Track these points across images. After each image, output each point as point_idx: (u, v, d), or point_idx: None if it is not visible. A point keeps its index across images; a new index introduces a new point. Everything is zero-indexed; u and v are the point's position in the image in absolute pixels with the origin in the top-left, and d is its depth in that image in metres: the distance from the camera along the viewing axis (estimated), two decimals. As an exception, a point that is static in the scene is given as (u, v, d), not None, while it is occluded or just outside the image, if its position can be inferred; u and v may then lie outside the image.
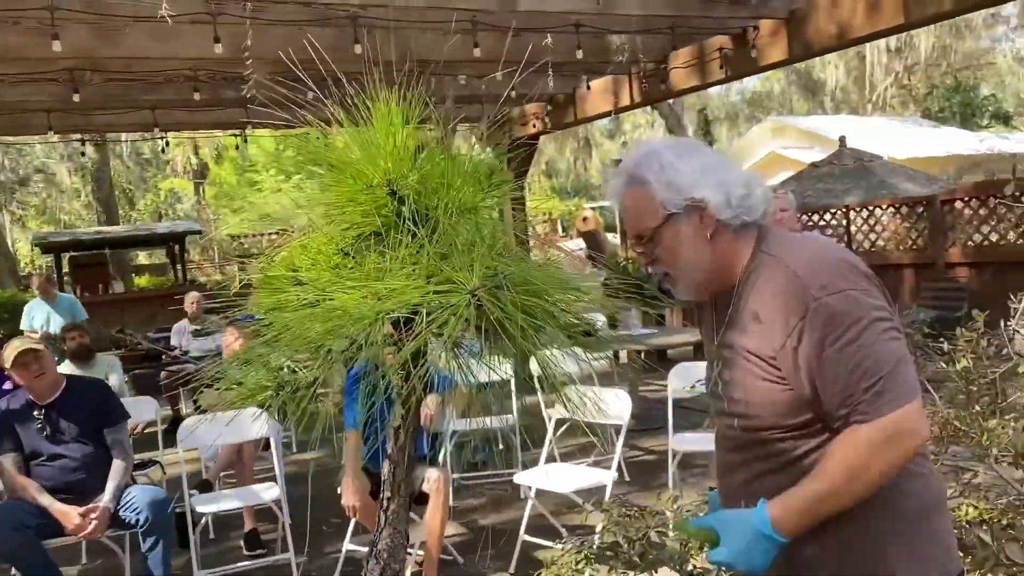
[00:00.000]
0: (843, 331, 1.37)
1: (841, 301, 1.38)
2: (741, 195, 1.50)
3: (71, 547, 4.57)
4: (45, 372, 3.80)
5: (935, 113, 26.99)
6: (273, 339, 1.14)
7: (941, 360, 3.59)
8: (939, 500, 1.52)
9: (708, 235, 1.50)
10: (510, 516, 4.87)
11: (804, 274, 1.42)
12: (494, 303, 1.08)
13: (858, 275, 1.43)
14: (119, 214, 22.46)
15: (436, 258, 1.16)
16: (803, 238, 1.59)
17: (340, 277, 1.19)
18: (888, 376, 1.36)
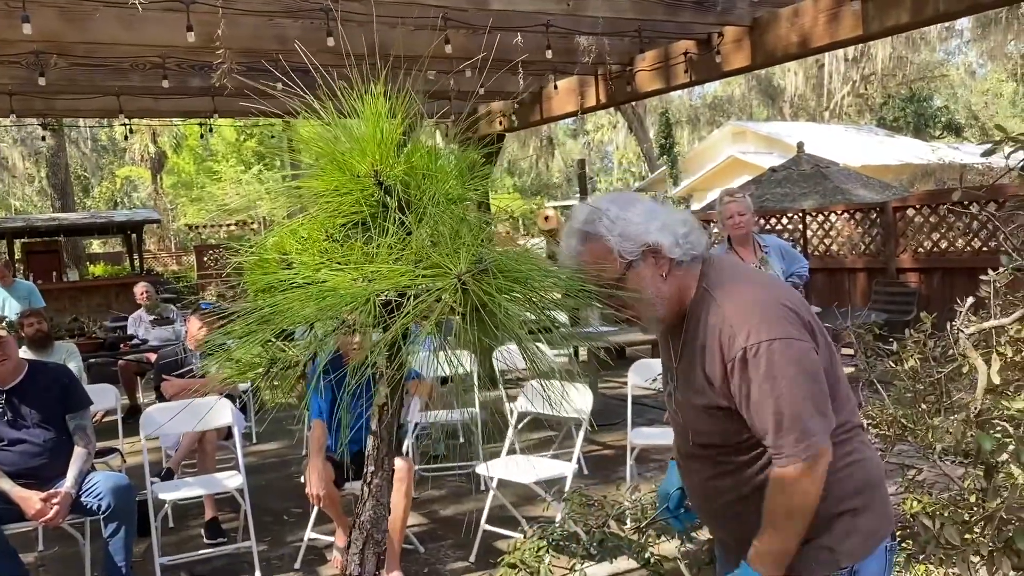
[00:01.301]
0: (762, 380, 1.54)
1: (764, 351, 1.54)
2: (684, 233, 1.67)
3: (27, 534, 4.54)
4: (8, 358, 3.77)
5: (890, 122, 27.64)
6: (265, 318, 1.19)
7: (890, 360, 3.74)
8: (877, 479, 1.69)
9: (663, 275, 1.66)
10: (470, 507, 4.94)
11: (735, 321, 1.58)
12: (479, 287, 1.15)
13: (786, 322, 1.57)
14: (73, 201, 22.00)
15: (423, 244, 1.23)
16: (741, 277, 1.69)
17: (330, 260, 1.25)
18: (799, 424, 1.53)
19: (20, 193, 28.36)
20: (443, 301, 1.18)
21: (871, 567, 1.64)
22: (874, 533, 1.64)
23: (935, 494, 2.97)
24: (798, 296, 1.68)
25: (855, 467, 1.64)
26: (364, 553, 1.23)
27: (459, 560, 4.18)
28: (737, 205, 4.77)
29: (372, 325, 1.21)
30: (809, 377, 1.54)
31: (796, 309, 1.59)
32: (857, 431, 1.69)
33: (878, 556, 1.64)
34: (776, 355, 1.53)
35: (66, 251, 17.21)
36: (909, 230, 8.79)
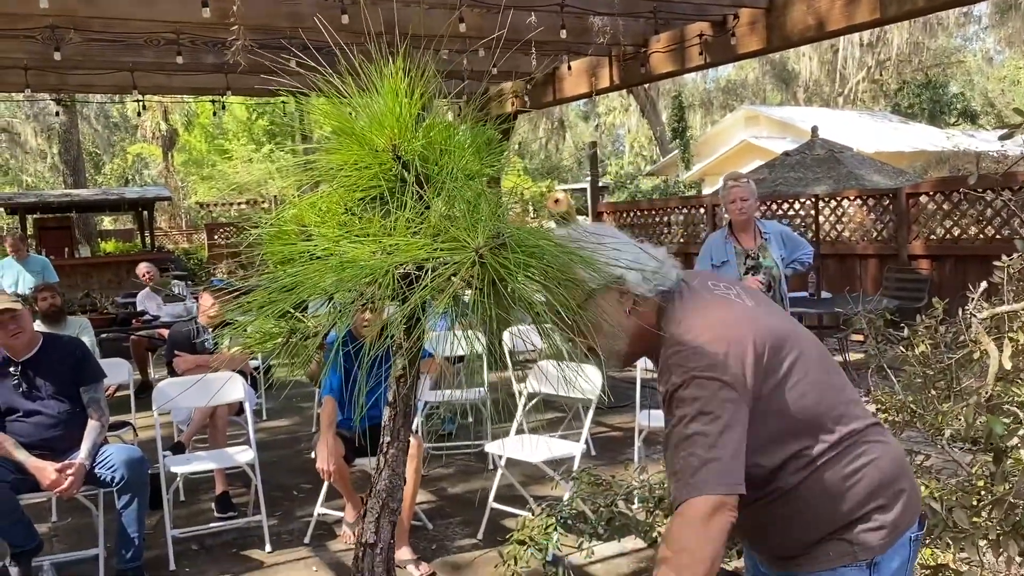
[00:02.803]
0: (677, 420, 1.53)
1: (680, 393, 1.53)
2: (654, 268, 1.64)
3: (40, 505, 4.60)
4: (23, 331, 3.81)
5: (904, 109, 27.41)
6: (286, 289, 1.21)
7: (900, 346, 3.74)
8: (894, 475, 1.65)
9: (627, 310, 1.63)
10: (478, 485, 4.97)
11: (669, 361, 1.57)
12: (497, 261, 1.16)
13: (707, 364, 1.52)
14: (85, 178, 22.07)
15: (441, 218, 1.24)
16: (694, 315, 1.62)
17: (349, 232, 1.26)
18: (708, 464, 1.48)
19: (32, 169, 28.47)
20: (460, 274, 1.19)
21: (893, 560, 1.61)
22: (896, 526, 1.61)
23: (943, 479, 2.98)
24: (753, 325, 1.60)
25: (867, 470, 1.61)
26: (380, 522, 1.24)
27: (467, 537, 4.22)
28: (740, 190, 4.75)
29: (390, 298, 1.22)
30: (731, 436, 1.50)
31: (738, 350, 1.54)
32: (866, 432, 1.65)
33: (901, 547, 1.62)
34: (695, 399, 1.51)
35: (78, 227, 17.29)
36: (922, 217, 8.74)
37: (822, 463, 1.60)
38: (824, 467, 1.60)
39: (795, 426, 1.59)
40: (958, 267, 8.24)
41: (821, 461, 1.60)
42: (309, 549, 4.15)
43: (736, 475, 1.49)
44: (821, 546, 1.63)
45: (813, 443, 1.60)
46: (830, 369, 1.66)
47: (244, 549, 4.18)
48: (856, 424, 1.64)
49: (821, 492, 1.60)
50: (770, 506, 1.63)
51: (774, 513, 1.64)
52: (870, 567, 1.60)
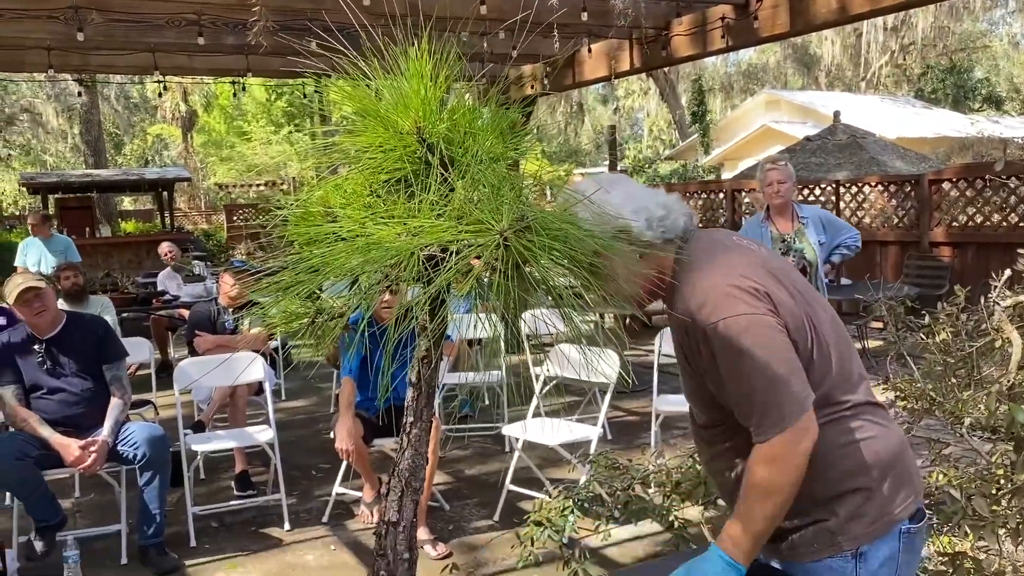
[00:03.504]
0: (725, 358, 1.55)
1: (720, 329, 1.54)
2: (661, 215, 1.68)
3: (64, 481, 4.68)
4: (47, 309, 3.86)
5: (928, 94, 27.07)
6: (312, 269, 1.22)
7: (921, 333, 3.72)
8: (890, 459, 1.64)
9: (637, 257, 1.67)
10: (495, 467, 5.00)
11: (693, 303, 1.59)
12: (521, 244, 1.16)
13: (740, 301, 1.55)
14: (106, 158, 22.22)
15: (466, 201, 1.24)
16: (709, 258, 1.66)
17: (374, 215, 1.27)
18: (769, 401, 1.52)
19: (54, 149, 28.69)
20: (485, 257, 1.19)
21: (880, 551, 1.60)
22: (883, 516, 1.60)
23: (962, 468, 2.97)
24: (771, 269, 1.63)
25: (860, 445, 1.61)
26: (403, 500, 1.26)
27: (483, 519, 4.25)
28: (778, 173, 4.70)
29: (415, 279, 1.22)
30: (770, 350, 1.53)
31: (757, 286, 1.57)
32: (866, 408, 1.65)
33: (890, 539, 1.60)
34: (737, 330, 1.53)
35: (98, 208, 17.43)
36: (944, 203, 8.65)
37: (820, 424, 1.58)
38: (821, 429, 1.58)
39: (809, 369, 1.59)
40: (980, 255, 8.16)
41: (820, 422, 1.58)
42: (327, 528, 4.20)
43: (801, 393, 1.53)
44: (804, 534, 1.63)
45: (819, 397, 1.59)
46: (840, 340, 1.66)
47: (263, 527, 4.24)
48: (858, 397, 1.64)
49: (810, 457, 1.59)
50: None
51: None
52: (856, 557, 1.60)
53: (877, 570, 1.61)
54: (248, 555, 3.91)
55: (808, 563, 1.63)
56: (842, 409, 1.62)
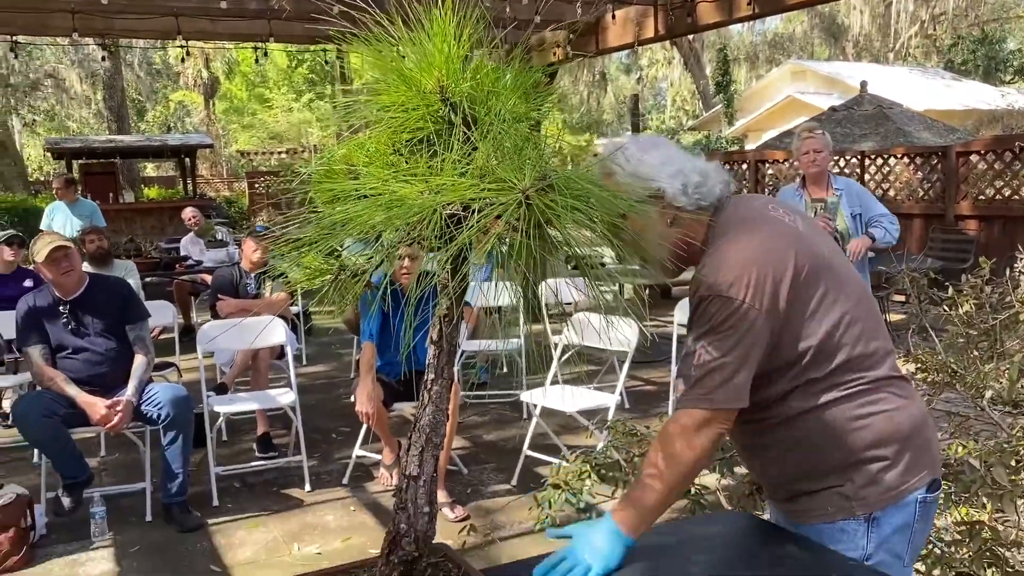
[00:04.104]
0: (701, 324, 1.56)
1: (707, 304, 1.56)
2: (697, 182, 1.65)
3: (90, 440, 4.77)
4: (73, 269, 3.91)
5: (958, 65, 26.56)
6: (336, 225, 1.23)
7: (944, 305, 3.69)
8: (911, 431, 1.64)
9: (668, 222, 1.66)
10: (512, 433, 5.04)
11: (705, 269, 1.59)
12: (544, 203, 1.16)
13: (742, 284, 1.53)
14: (129, 124, 22.33)
15: (488, 160, 1.24)
16: (741, 229, 1.63)
17: (396, 172, 1.27)
18: (710, 378, 1.54)
19: (77, 115, 28.83)
20: (506, 216, 1.20)
21: (894, 518, 1.61)
22: (900, 485, 1.60)
23: (981, 441, 2.96)
24: (800, 243, 1.60)
25: (880, 417, 1.61)
26: (423, 455, 1.28)
27: (501, 483, 4.29)
28: (815, 142, 4.62)
29: (437, 237, 1.23)
30: (738, 342, 1.53)
31: (766, 275, 1.54)
32: (889, 382, 1.64)
33: (904, 507, 1.61)
34: (718, 309, 1.54)
35: (122, 174, 17.54)
36: (971, 176, 8.53)
37: (834, 398, 1.60)
38: (835, 403, 1.60)
39: (815, 356, 1.58)
40: (1007, 229, 8.05)
41: (833, 396, 1.60)
42: (347, 490, 4.26)
43: (736, 392, 1.54)
44: (818, 497, 1.64)
45: (830, 376, 1.59)
46: (868, 314, 1.64)
47: (284, 488, 4.30)
48: (880, 372, 1.63)
49: (824, 427, 1.60)
50: (772, 429, 1.65)
51: (774, 437, 1.66)
52: (868, 521, 1.61)
53: (890, 536, 1.61)
54: (269, 514, 3.98)
55: (820, 524, 1.64)
56: (862, 383, 1.61)
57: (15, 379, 5.12)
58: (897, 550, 1.63)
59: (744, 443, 1.76)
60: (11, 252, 5.74)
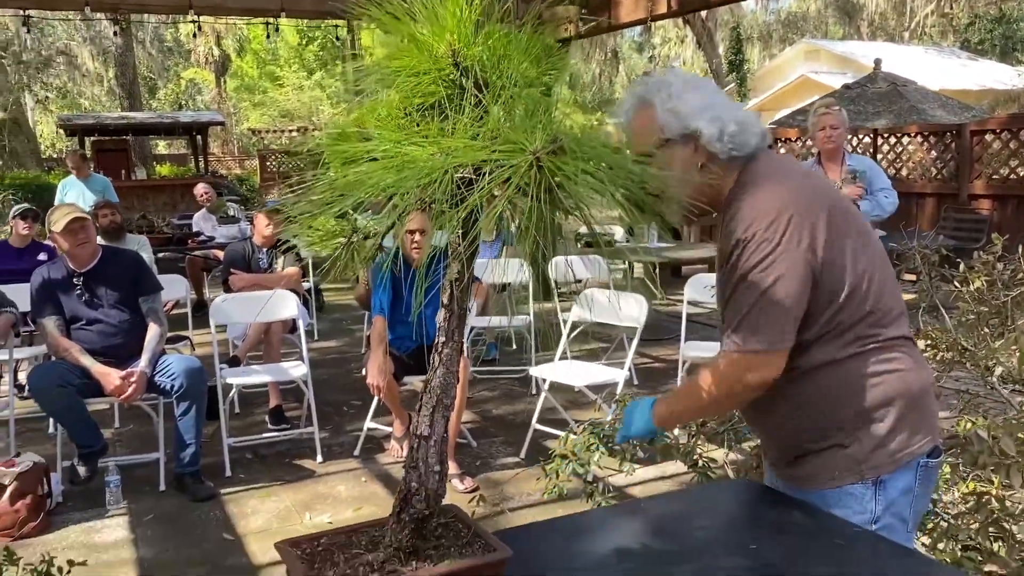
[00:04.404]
0: (745, 272, 1.56)
1: (750, 244, 1.55)
2: (733, 131, 1.62)
3: (104, 412, 4.83)
4: (89, 241, 3.95)
5: (974, 45, 26.24)
6: (347, 188, 1.24)
7: (955, 282, 3.68)
8: (919, 394, 1.65)
9: (698, 164, 1.65)
10: (521, 408, 5.07)
11: (745, 215, 1.58)
12: (555, 166, 1.17)
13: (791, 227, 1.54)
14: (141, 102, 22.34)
15: (499, 123, 1.25)
16: (774, 176, 1.64)
17: (408, 135, 1.28)
18: (758, 318, 1.55)
19: (90, 93, 28.86)
20: (516, 178, 1.21)
21: (899, 481, 1.62)
22: (906, 448, 1.61)
23: (990, 417, 2.96)
24: (827, 201, 1.61)
25: (892, 376, 1.61)
26: (434, 416, 1.29)
27: (510, 456, 4.33)
28: (831, 118, 4.60)
29: (448, 199, 1.24)
30: (784, 281, 1.53)
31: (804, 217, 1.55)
32: (902, 342, 1.65)
33: (908, 471, 1.62)
34: (761, 249, 1.54)
35: (134, 151, 17.59)
36: (986, 155, 8.46)
37: (853, 353, 1.60)
38: (854, 358, 1.60)
39: (845, 304, 1.58)
40: (1021, 208, 7.99)
41: (853, 351, 1.60)
42: (358, 461, 4.30)
43: (783, 332, 1.56)
44: (826, 458, 1.64)
45: (854, 328, 1.60)
46: (885, 277, 1.65)
47: (296, 459, 4.35)
48: (895, 331, 1.64)
49: (841, 382, 1.61)
50: (790, 383, 1.64)
51: (791, 391, 1.65)
52: (876, 485, 1.61)
53: (896, 499, 1.63)
54: (281, 485, 4.03)
55: (827, 490, 1.64)
56: (878, 340, 1.61)
57: (30, 351, 5.18)
58: (902, 514, 1.64)
59: (757, 399, 1.74)
60: (25, 226, 5.79)
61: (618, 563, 1.49)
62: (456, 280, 1.34)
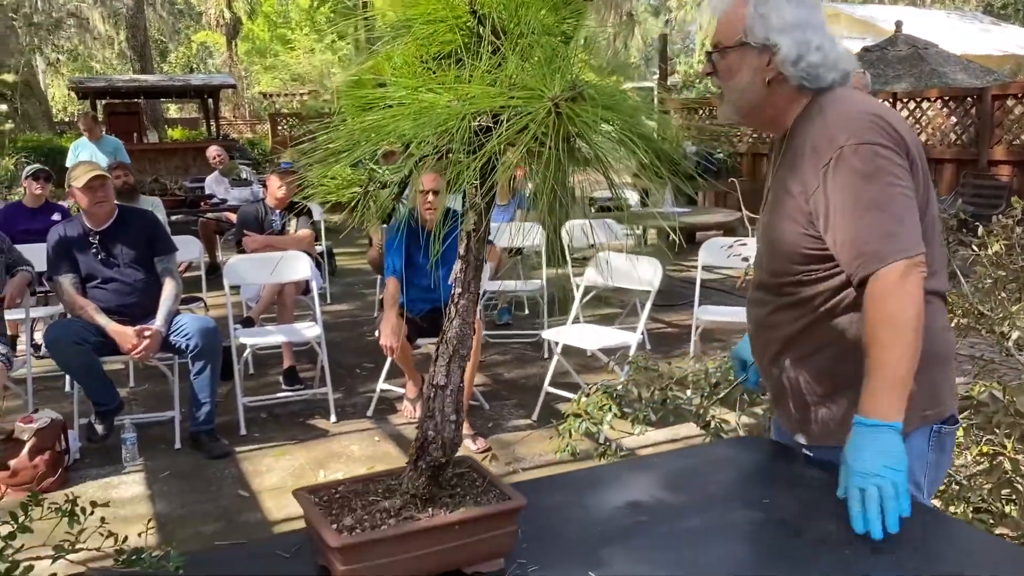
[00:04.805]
0: (857, 181, 1.45)
1: (860, 152, 1.46)
2: (812, 61, 1.55)
3: (119, 371, 4.88)
4: (107, 199, 3.97)
5: (998, 9, 25.75)
6: (364, 135, 1.23)
7: (973, 245, 3.65)
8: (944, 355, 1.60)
9: (766, 79, 1.58)
10: (533, 372, 5.09)
11: (835, 123, 1.50)
12: (574, 113, 1.15)
13: (883, 133, 1.47)
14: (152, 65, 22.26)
15: (517, 71, 1.23)
16: (854, 94, 1.59)
17: (425, 82, 1.27)
18: (887, 231, 1.44)
19: (101, 56, 28.75)
20: (534, 128, 1.19)
21: (915, 443, 1.56)
22: (921, 411, 1.56)
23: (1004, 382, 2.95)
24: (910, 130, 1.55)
25: (929, 331, 1.51)
26: (450, 365, 1.29)
27: (522, 418, 4.35)
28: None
29: (464, 148, 1.23)
30: (898, 188, 1.46)
31: (905, 137, 1.50)
32: (940, 299, 1.60)
33: (921, 433, 1.58)
34: (877, 158, 1.45)
35: (145, 114, 17.54)
36: (1007, 121, 8.33)
37: None
38: None
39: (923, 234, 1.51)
40: (1041, 175, 7.89)
41: None
42: (371, 421, 4.33)
43: (915, 236, 1.46)
44: (845, 411, 1.58)
45: None
46: (936, 229, 1.59)
47: (310, 419, 4.39)
48: (937, 285, 1.58)
49: None
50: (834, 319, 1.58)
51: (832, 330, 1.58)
52: None
53: (912, 462, 1.53)
54: (295, 444, 4.07)
55: (841, 447, 1.56)
56: (929, 291, 1.53)
57: (46, 310, 5.23)
58: (916, 477, 1.60)
59: (782, 335, 1.67)
60: (38, 186, 5.81)
61: (632, 515, 1.50)
62: (473, 231, 1.34)
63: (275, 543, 1.41)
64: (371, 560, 1.19)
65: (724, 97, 1.65)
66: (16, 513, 1.05)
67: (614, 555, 1.34)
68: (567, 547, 1.37)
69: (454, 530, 1.24)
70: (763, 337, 1.74)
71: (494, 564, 1.29)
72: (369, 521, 1.23)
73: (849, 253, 1.48)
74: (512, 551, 1.31)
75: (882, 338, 1.44)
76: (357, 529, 1.21)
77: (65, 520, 1.07)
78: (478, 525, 1.25)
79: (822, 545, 1.36)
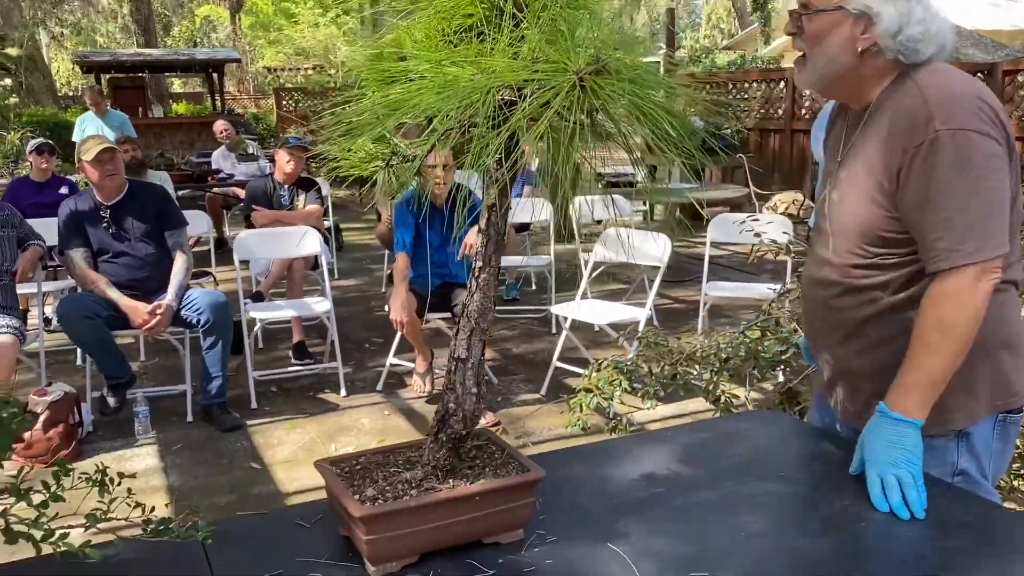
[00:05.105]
0: (947, 170, 1.38)
1: (957, 139, 1.38)
2: (911, 35, 1.46)
3: (130, 346, 4.91)
4: (117, 173, 3.97)
5: (1008, -17, 25.41)
6: (386, 110, 1.23)
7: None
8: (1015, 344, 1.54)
9: (858, 49, 1.49)
10: (542, 347, 5.10)
11: (934, 103, 1.41)
12: (598, 86, 1.15)
13: (984, 118, 1.40)
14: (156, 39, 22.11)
15: (540, 45, 1.23)
16: (951, 69, 1.49)
17: (448, 55, 1.26)
18: (974, 229, 1.37)
19: (104, 29, 28.60)
20: (558, 102, 1.19)
21: (980, 434, 1.52)
22: (990, 400, 1.51)
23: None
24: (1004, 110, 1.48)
25: (1005, 322, 1.50)
26: (471, 339, 1.31)
27: (530, 393, 4.37)
28: None
29: (488, 121, 1.23)
30: (993, 182, 1.38)
31: (996, 120, 1.42)
32: (1015, 288, 1.53)
33: (987, 423, 1.53)
34: (974, 147, 1.37)
35: (150, 88, 17.47)
36: (1018, 96, 8.27)
37: None
38: None
39: None
40: (1051, 152, 7.83)
41: None
42: (381, 395, 4.36)
43: (998, 236, 1.39)
44: None
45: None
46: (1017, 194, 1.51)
47: (320, 393, 4.42)
48: (1015, 275, 1.52)
49: None
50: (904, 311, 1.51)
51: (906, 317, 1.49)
52: (959, 437, 1.52)
53: (980, 453, 1.54)
54: (306, 417, 4.10)
55: None
56: (1004, 279, 1.47)
57: (56, 285, 5.25)
58: (983, 468, 1.55)
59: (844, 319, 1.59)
60: (43, 160, 5.81)
61: (647, 487, 1.52)
62: (492, 207, 1.34)
63: (296, 513, 1.43)
64: (393, 530, 1.21)
65: (807, 62, 1.55)
66: (48, 482, 1.06)
67: (630, 526, 1.36)
68: (584, 518, 1.39)
69: (475, 501, 1.25)
70: (830, 319, 1.64)
71: (513, 535, 1.30)
72: (391, 492, 1.25)
73: (924, 244, 1.43)
74: (531, 522, 1.33)
75: (932, 341, 1.42)
76: (379, 500, 1.22)
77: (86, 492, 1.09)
78: (498, 496, 1.27)
79: (837, 518, 1.37)
